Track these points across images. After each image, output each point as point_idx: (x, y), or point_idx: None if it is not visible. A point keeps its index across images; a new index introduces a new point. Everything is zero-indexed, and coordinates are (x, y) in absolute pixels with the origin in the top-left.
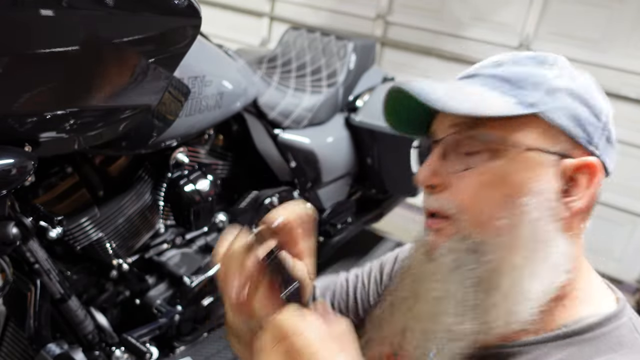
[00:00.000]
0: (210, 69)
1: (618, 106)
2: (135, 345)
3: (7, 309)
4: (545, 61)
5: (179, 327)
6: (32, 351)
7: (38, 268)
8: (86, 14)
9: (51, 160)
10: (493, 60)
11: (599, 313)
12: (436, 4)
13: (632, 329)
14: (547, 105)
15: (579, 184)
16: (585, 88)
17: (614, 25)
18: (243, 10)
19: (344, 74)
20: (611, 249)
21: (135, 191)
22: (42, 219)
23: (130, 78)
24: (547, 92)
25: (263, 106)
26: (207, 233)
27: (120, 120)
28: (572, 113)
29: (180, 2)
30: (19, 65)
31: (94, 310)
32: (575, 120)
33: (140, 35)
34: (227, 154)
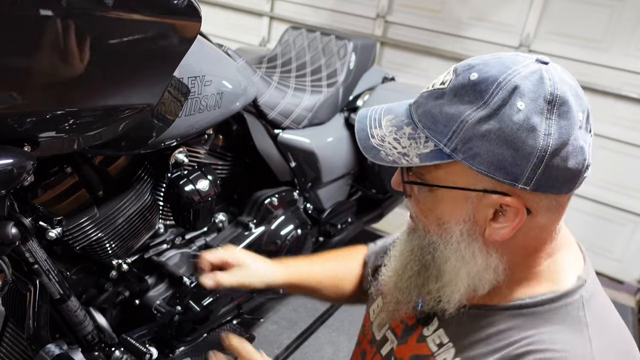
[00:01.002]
0: (210, 68)
1: (618, 106)
2: (135, 345)
3: (7, 309)
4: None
5: (179, 327)
6: (31, 351)
7: (37, 268)
8: (86, 14)
9: (51, 160)
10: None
11: (556, 290)
12: (436, 4)
13: (580, 307)
14: (465, 153)
15: (506, 215)
16: (519, 124)
17: (615, 24)
18: (243, 10)
19: (344, 73)
20: (612, 249)
21: (135, 191)
22: (42, 219)
23: (129, 78)
24: (464, 141)
25: (263, 106)
26: (207, 233)
27: (119, 120)
28: (490, 159)
29: (180, 2)
30: (19, 65)
31: (94, 311)
32: (496, 164)
33: (140, 35)
34: (227, 154)
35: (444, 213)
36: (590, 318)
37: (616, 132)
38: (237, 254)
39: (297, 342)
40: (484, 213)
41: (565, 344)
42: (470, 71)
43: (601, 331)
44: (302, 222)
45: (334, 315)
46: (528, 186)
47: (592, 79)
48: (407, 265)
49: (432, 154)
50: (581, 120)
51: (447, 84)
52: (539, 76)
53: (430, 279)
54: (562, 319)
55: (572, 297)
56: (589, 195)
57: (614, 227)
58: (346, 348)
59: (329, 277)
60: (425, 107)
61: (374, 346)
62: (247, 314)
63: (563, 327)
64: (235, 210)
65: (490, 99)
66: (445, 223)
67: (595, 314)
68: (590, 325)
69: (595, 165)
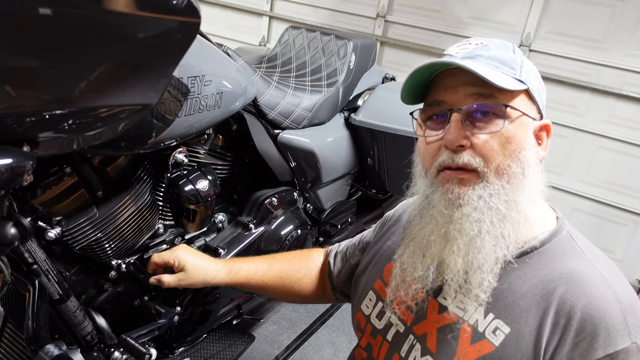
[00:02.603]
0: (209, 68)
1: (619, 105)
2: (134, 346)
3: (6, 309)
4: (509, 48)
5: (178, 328)
6: (31, 352)
7: (36, 268)
8: (85, 14)
9: (50, 160)
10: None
11: (546, 230)
12: (436, 4)
13: (570, 238)
14: (530, 83)
15: (542, 138)
16: (533, 68)
17: (615, 24)
18: (243, 10)
19: (344, 73)
20: (613, 249)
21: (135, 191)
22: (41, 219)
23: (129, 78)
24: (527, 73)
25: (263, 106)
26: (207, 233)
27: (119, 120)
28: (537, 89)
29: (180, 1)
30: (18, 64)
31: (93, 311)
32: (538, 94)
33: (139, 34)
34: (227, 154)
35: (521, 141)
36: (581, 245)
37: (616, 131)
38: (181, 255)
39: (297, 342)
40: (533, 139)
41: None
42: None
43: (592, 254)
44: (302, 222)
45: (334, 316)
46: (542, 113)
47: (592, 79)
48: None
49: (516, 82)
50: None
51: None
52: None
53: (510, 219)
54: (562, 252)
55: (561, 233)
56: (589, 195)
57: (615, 227)
58: (346, 348)
59: (277, 277)
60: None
61: (377, 335)
62: (247, 314)
63: (567, 259)
64: (235, 210)
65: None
66: (523, 151)
67: (581, 241)
68: (585, 251)
69: (595, 165)
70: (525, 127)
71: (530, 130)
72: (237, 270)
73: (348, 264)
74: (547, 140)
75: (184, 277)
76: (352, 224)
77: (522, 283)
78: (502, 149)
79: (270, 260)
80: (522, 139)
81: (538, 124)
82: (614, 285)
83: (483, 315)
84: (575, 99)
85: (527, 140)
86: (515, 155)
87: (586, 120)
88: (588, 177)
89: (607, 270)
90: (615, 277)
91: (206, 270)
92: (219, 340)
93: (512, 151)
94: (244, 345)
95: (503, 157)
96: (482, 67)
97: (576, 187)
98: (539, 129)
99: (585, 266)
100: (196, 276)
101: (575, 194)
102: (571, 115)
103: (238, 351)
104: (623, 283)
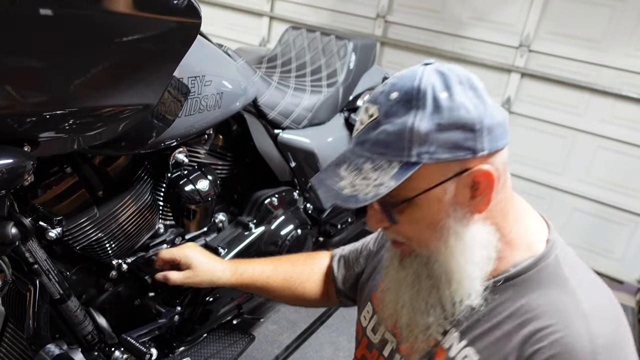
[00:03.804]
0: (210, 68)
1: (618, 106)
2: (135, 345)
3: (7, 309)
4: (411, 97)
5: (179, 327)
6: (31, 351)
7: (37, 268)
8: (86, 14)
9: (51, 160)
10: (369, 116)
11: (532, 255)
12: (436, 4)
13: (557, 265)
14: (427, 153)
15: (481, 187)
16: (451, 108)
17: (615, 24)
18: (243, 10)
19: (344, 73)
20: (612, 249)
21: (135, 191)
22: (42, 219)
23: (129, 78)
24: (421, 143)
25: (263, 106)
26: (207, 233)
27: (119, 120)
28: (448, 146)
29: (180, 2)
30: (19, 65)
31: (93, 311)
32: (454, 147)
33: (140, 35)
34: (227, 154)
35: (434, 215)
36: (568, 273)
37: (616, 132)
38: (189, 253)
39: (297, 342)
40: (464, 194)
41: (555, 305)
42: (388, 94)
43: (580, 282)
44: (302, 222)
45: (334, 316)
46: (484, 151)
47: (592, 79)
48: (417, 288)
49: (402, 170)
50: (482, 86)
51: (375, 114)
52: (437, 71)
53: (446, 285)
54: (545, 280)
55: (548, 259)
56: (589, 195)
57: (614, 227)
58: (346, 348)
59: (282, 280)
60: (369, 140)
61: (373, 349)
62: (247, 314)
63: (549, 289)
64: (235, 210)
65: (419, 103)
66: (439, 223)
67: (571, 269)
68: (570, 280)
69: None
70: (437, 198)
71: (449, 195)
72: (242, 271)
73: (352, 271)
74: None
75: (191, 275)
76: (352, 224)
77: (499, 312)
78: (416, 228)
79: (276, 262)
80: (435, 212)
81: (466, 175)
82: (592, 322)
83: (458, 340)
84: (574, 99)
85: (443, 210)
86: (433, 229)
87: (586, 120)
88: (588, 177)
89: (591, 302)
90: (598, 311)
91: (212, 270)
92: (219, 340)
93: (427, 227)
94: (244, 345)
95: (419, 234)
96: (363, 166)
97: (576, 187)
98: (472, 179)
99: (565, 298)
100: (203, 275)
101: (575, 194)
102: (571, 115)
103: (238, 351)
104: (605, 319)
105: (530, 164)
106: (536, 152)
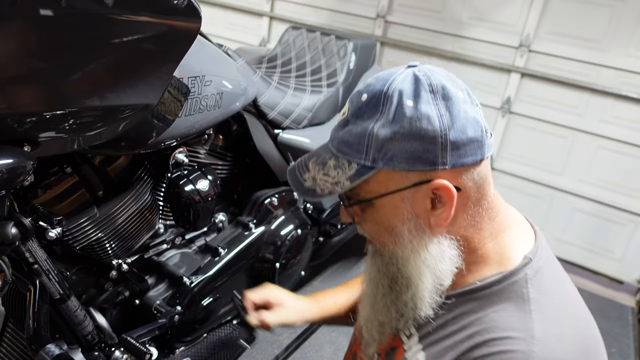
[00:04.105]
0: (210, 68)
1: (618, 106)
2: (135, 345)
3: (7, 309)
4: (378, 102)
5: (179, 327)
6: (31, 351)
7: (37, 268)
8: (86, 14)
9: (51, 160)
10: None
11: (503, 271)
12: (436, 4)
13: (524, 284)
14: (384, 159)
15: (441, 200)
16: (412, 118)
17: (615, 24)
18: (243, 10)
19: (344, 73)
20: (612, 249)
21: (135, 191)
22: (42, 219)
23: (129, 78)
24: (377, 149)
25: (263, 106)
26: (207, 233)
27: (119, 120)
28: (404, 155)
29: (180, 2)
30: (19, 65)
31: (94, 311)
32: (411, 158)
33: (140, 35)
34: (227, 154)
35: (390, 220)
36: (533, 294)
37: (616, 132)
38: (278, 294)
39: (297, 342)
40: (422, 205)
41: (507, 321)
42: (360, 95)
43: (543, 304)
44: (302, 222)
45: None
46: (446, 165)
47: (592, 79)
48: (378, 285)
49: (358, 172)
50: (463, 97)
51: (347, 112)
52: (413, 76)
53: (401, 290)
54: (507, 297)
55: (517, 276)
56: (589, 195)
57: (614, 227)
58: (346, 348)
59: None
60: (337, 137)
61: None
62: None
63: (507, 305)
64: (235, 210)
65: (384, 108)
66: (394, 228)
67: (539, 289)
68: (532, 301)
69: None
70: (394, 205)
71: (407, 203)
72: (324, 305)
73: None
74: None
75: (285, 315)
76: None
77: (456, 322)
78: (375, 229)
79: (346, 289)
80: (391, 218)
81: (425, 187)
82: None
83: (417, 343)
84: (574, 99)
85: (399, 217)
86: (390, 233)
87: (585, 120)
88: (587, 177)
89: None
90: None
91: (302, 309)
92: (219, 340)
93: (386, 230)
94: (244, 345)
95: (378, 235)
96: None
97: (576, 187)
98: (431, 191)
99: (520, 317)
100: (296, 314)
101: (575, 194)
102: (570, 115)
103: (238, 351)
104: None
105: (530, 164)
106: (536, 152)
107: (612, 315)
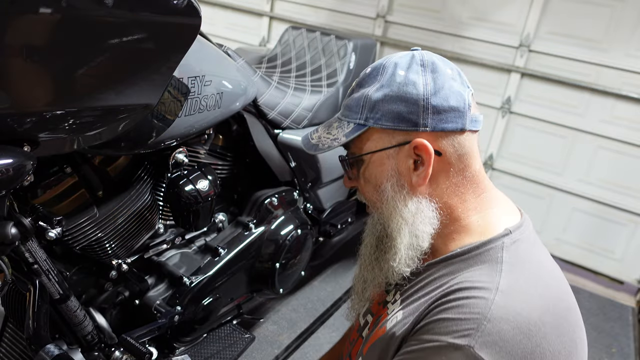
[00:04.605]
0: (210, 68)
1: (618, 106)
2: (135, 345)
3: (6, 309)
4: (377, 72)
5: (179, 327)
6: (31, 352)
7: (37, 268)
8: (86, 14)
9: (50, 160)
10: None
11: (481, 240)
12: (436, 4)
13: (500, 250)
14: (374, 118)
15: (423, 162)
16: (401, 83)
17: (615, 24)
18: (243, 10)
19: (344, 73)
20: (612, 249)
21: (135, 191)
22: (41, 219)
23: (129, 78)
24: (370, 109)
25: (263, 106)
26: (207, 233)
27: (119, 120)
28: (391, 115)
29: (180, 1)
30: (19, 64)
31: (93, 311)
32: (396, 118)
33: (140, 34)
34: (227, 154)
35: (376, 176)
36: (507, 258)
37: (616, 132)
38: None
39: (297, 342)
40: (405, 164)
41: (477, 277)
42: (366, 70)
43: (515, 265)
44: (302, 222)
45: (334, 316)
46: (427, 127)
47: (592, 79)
48: (368, 245)
49: (353, 130)
50: (451, 74)
51: (354, 84)
52: (410, 55)
53: (385, 249)
54: (482, 260)
55: (494, 243)
56: (589, 195)
57: (614, 227)
58: None
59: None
60: (344, 104)
61: (359, 332)
62: (247, 314)
63: (482, 267)
64: (235, 210)
65: (380, 77)
66: (380, 185)
67: (513, 254)
68: (505, 263)
69: (595, 165)
70: (381, 162)
71: (392, 161)
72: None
73: None
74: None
75: None
76: (352, 224)
77: (432, 284)
78: (367, 188)
79: None
80: (378, 174)
81: (408, 147)
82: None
83: (398, 303)
84: (574, 99)
85: (384, 174)
86: (376, 190)
87: (586, 120)
88: (588, 177)
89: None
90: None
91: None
92: (219, 340)
93: (374, 187)
94: (244, 345)
95: (370, 194)
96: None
97: (576, 187)
98: (413, 150)
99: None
100: None
101: (575, 194)
102: (571, 115)
103: (238, 351)
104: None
105: (530, 164)
106: (536, 152)
107: (612, 315)
